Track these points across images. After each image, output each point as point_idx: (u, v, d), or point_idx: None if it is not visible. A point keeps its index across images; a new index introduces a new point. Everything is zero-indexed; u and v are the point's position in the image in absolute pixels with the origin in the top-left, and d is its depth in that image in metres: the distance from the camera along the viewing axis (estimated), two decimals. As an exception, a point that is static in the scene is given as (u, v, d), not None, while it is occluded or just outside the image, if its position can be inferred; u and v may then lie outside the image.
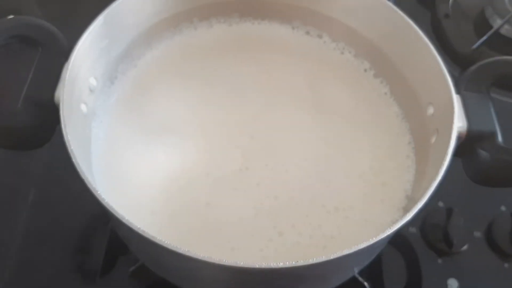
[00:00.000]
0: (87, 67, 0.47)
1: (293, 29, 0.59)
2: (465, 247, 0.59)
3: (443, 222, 0.59)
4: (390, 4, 0.51)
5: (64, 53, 0.46)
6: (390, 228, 0.38)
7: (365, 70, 0.56)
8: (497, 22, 0.75)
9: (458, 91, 0.45)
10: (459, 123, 0.43)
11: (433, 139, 0.47)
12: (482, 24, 0.78)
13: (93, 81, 0.49)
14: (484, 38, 0.72)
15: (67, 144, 0.40)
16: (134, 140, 0.51)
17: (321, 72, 0.57)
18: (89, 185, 0.39)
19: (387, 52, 0.53)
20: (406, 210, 0.48)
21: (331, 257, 0.35)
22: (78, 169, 0.39)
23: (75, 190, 0.55)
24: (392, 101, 0.54)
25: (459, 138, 0.43)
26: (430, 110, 0.48)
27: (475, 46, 0.72)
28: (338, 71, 0.57)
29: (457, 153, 0.43)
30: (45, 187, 0.58)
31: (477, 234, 0.60)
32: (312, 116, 0.53)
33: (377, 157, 0.51)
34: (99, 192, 0.38)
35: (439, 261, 0.58)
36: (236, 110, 0.53)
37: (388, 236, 0.39)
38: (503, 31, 0.75)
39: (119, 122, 0.52)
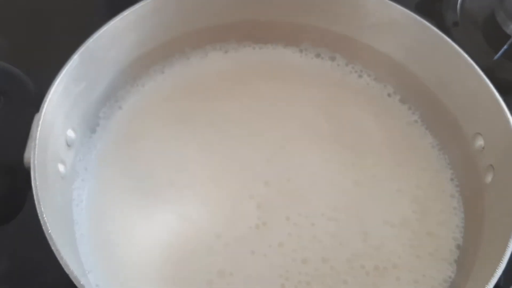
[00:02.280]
0: (62, 119, 0.38)
1: (301, 52, 0.51)
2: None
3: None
4: (419, 17, 0.43)
5: (33, 103, 0.38)
6: None
7: (389, 95, 0.49)
8: (510, 28, 0.69)
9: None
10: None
11: (488, 178, 0.39)
12: (494, 31, 0.71)
13: (71, 134, 0.40)
14: (505, 47, 0.66)
15: (44, 227, 0.31)
16: (124, 201, 0.42)
17: (338, 100, 0.49)
18: (72, 277, 0.30)
19: (417, 73, 0.46)
20: (461, 264, 0.40)
21: None
22: (60, 260, 0.30)
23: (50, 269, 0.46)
24: (425, 130, 0.47)
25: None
26: (479, 142, 0.41)
27: (496, 57, 0.65)
28: (358, 97, 0.49)
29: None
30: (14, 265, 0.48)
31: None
32: (335, 153, 0.45)
33: (417, 199, 0.43)
34: (82, 283, 0.29)
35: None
36: (244, 154, 0.45)
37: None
38: (521, 37, 0.68)
39: (104, 178, 0.43)
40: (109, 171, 0.43)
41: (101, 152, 0.44)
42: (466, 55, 0.41)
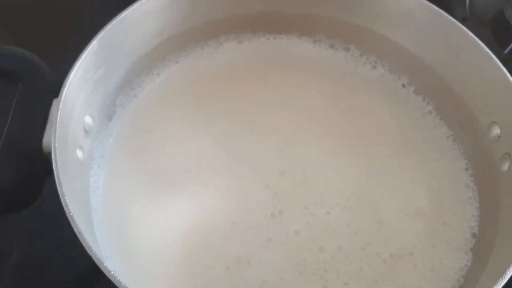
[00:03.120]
0: (81, 104, 0.38)
1: (315, 42, 0.51)
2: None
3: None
4: (435, 7, 0.43)
5: (51, 89, 0.38)
6: None
7: (403, 86, 0.49)
8: (519, 24, 0.69)
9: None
10: (541, 147, 0.36)
11: (504, 167, 0.39)
12: (503, 27, 0.71)
13: (88, 120, 0.40)
14: (515, 41, 0.66)
15: (66, 208, 0.31)
16: (140, 188, 0.42)
17: (351, 91, 0.49)
18: (95, 258, 0.30)
19: (431, 64, 0.46)
20: (476, 252, 0.40)
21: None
22: (83, 242, 0.30)
23: (66, 250, 0.46)
24: (439, 120, 0.47)
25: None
26: (495, 131, 0.41)
27: (506, 51, 0.65)
28: (372, 88, 0.49)
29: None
30: (31, 248, 0.48)
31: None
32: (348, 143, 0.45)
33: (432, 188, 0.43)
34: (105, 265, 0.29)
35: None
36: (259, 144, 0.45)
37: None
38: (530, 32, 0.68)
39: (120, 167, 0.43)
40: (125, 159, 0.43)
41: (118, 140, 0.44)
42: (482, 44, 0.41)
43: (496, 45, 0.67)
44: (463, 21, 0.74)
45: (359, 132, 0.46)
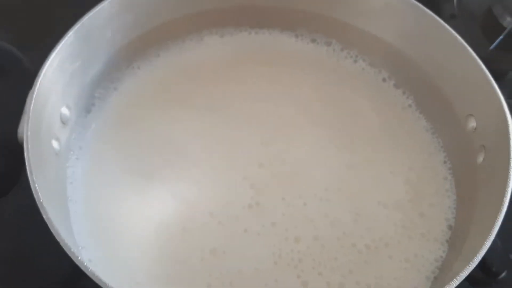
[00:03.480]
0: (57, 95, 0.38)
1: (297, 37, 0.51)
2: (503, 274, 0.51)
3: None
4: (415, 2, 0.43)
5: (29, 80, 0.38)
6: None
7: (384, 80, 0.49)
8: (507, 21, 0.69)
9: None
10: (514, 138, 0.36)
11: (479, 158, 0.39)
12: (491, 24, 0.72)
13: (65, 111, 0.40)
14: (500, 38, 0.66)
15: (36, 196, 0.31)
16: (119, 180, 0.42)
17: (333, 85, 0.49)
18: (68, 250, 0.30)
19: (412, 58, 0.46)
20: (452, 244, 0.40)
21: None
22: (52, 228, 0.30)
23: (50, 242, 0.46)
24: (419, 114, 0.47)
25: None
26: (472, 123, 0.41)
27: (492, 47, 0.65)
28: (353, 82, 0.49)
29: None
30: (12, 241, 0.48)
31: (515, 257, 0.53)
32: (329, 136, 0.45)
33: (410, 181, 0.43)
34: (80, 259, 0.30)
35: (476, 292, 0.51)
36: (239, 137, 0.45)
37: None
38: (516, 30, 0.68)
39: (98, 158, 0.43)
40: (104, 151, 0.43)
41: (96, 132, 0.44)
42: (460, 38, 0.41)
43: (484, 41, 0.67)
44: (451, 17, 0.74)
45: (340, 125, 0.46)
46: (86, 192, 0.41)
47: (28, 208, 0.42)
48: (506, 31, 0.67)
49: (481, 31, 0.72)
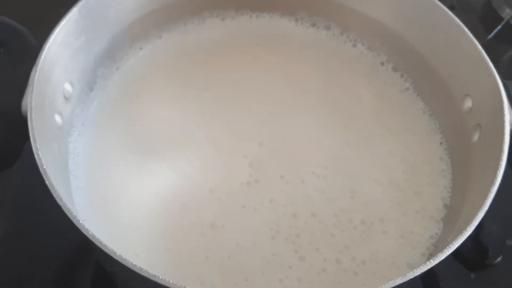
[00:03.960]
0: (60, 70, 0.39)
1: (297, 21, 0.52)
2: (499, 259, 0.52)
3: (474, 231, 0.52)
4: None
5: (33, 55, 0.38)
6: (434, 259, 0.31)
7: (382, 64, 0.50)
8: (506, 12, 0.70)
9: (498, 80, 0.39)
10: (509, 116, 0.37)
11: (474, 137, 0.40)
12: (490, 15, 0.72)
13: (68, 87, 0.41)
14: (499, 27, 0.66)
15: (39, 163, 0.32)
16: (120, 156, 0.43)
17: (332, 68, 0.49)
18: (68, 213, 0.31)
19: (410, 40, 0.47)
20: (447, 222, 0.41)
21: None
22: (54, 193, 0.31)
23: (53, 217, 0.47)
24: (416, 96, 0.47)
25: (509, 133, 0.37)
26: (468, 103, 0.41)
27: (489, 37, 0.66)
28: (352, 66, 0.50)
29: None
30: (18, 216, 0.49)
31: (510, 242, 0.53)
32: (327, 116, 0.46)
33: (407, 160, 0.44)
34: (81, 222, 0.30)
35: (472, 276, 0.51)
36: (239, 116, 0.46)
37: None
38: (514, 21, 0.69)
39: (100, 135, 0.44)
40: (106, 128, 0.44)
41: (98, 110, 0.45)
42: (458, 20, 0.42)
43: (482, 31, 0.68)
44: (450, 8, 0.75)
45: (339, 106, 0.47)
46: (87, 167, 0.42)
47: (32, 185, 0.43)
48: (504, 21, 0.67)
49: (479, 22, 0.73)
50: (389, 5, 0.46)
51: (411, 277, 0.29)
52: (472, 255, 0.51)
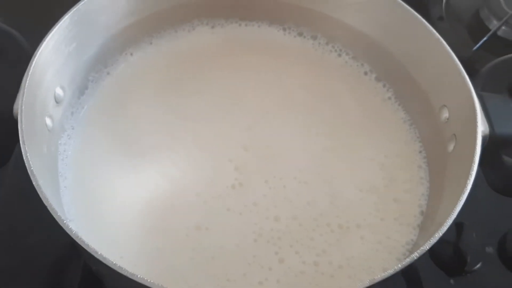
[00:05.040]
0: (52, 75, 0.40)
1: (285, 30, 0.53)
2: (478, 265, 0.53)
3: (453, 238, 0.54)
4: (395, -2, 0.46)
5: (26, 60, 0.40)
6: (407, 259, 0.32)
7: (366, 73, 0.51)
8: (493, 24, 0.72)
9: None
10: (481, 127, 0.38)
11: (450, 147, 0.42)
12: (477, 26, 0.74)
13: (59, 91, 0.42)
14: (484, 39, 0.68)
15: (27, 164, 0.33)
16: (108, 158, 0.44)
17: (317, 76, 0.51)
18: (53, 212, 0.32)
19: (392, 52, 0.48)
20: (423, 228, 0.42)
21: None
22: (41, 194, 0.32)
23: (43, 218, 0.48)
24: (398, 106, 0.49)
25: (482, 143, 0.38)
26: (445, 114, 0.43)
27: (475, 48, 0.68)
28: (336, 75, 0.51)
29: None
30: (7, 216, 0.50)
31: (489, 249, 0.55)
32: (311, 123, 0.48)
33: (386, 168, 0.45)
34: (65, 222, 0.31)
35: (451, 281, 0.53)
36: (226, 121, 0.47)
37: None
38: (500, 32, 0.70)
39: (90, 138, 0.45)
40: (95, 131, 0.45)
41: (89, 114, 0.46)
42: (436, 32, 0.44)
43: (470, 42, 0.70)
44: (439, 19, 0.77)
45: (323, 113, 0.49)
46: (76, 169, 0.43)
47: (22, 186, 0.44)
48: (490, 32, 0.69)
49: (467, 33, 0.74)
50: (372, 17, 0.48)
51: (379, 280, 0.30)
52: (452, 261, 0.53)
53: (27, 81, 0.37)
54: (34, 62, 0.38)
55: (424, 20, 0.44)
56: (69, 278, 0.48)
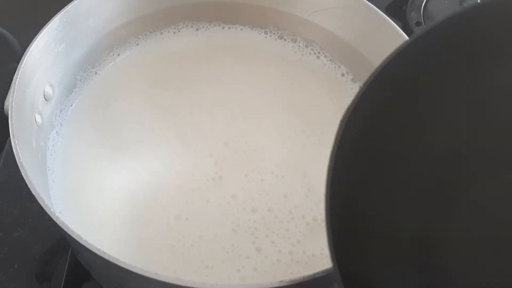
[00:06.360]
0: (41, 73, 0.43)
1: (266, 33, 0.56)
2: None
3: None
4: (368, 3, 0.48)
5: (17, 59, 0.42)
6: None
7: (343, 75, 0.54)
8: (469, 29, 0.75)
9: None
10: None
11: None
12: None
13: (48, 89, 0.44)
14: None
15: (17, 156, 0.35)
16: (95, 153, 0.46)
17: (297, 77, 0.53)
18: (41, 202, 0.34)
19: (366, 55, 0.51)
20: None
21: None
22: (29, 184, 0.34)
23: (32, 211, 0.51)
24: (372, 105, 0.51)
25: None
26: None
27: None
28: (315, 76, 0.54)
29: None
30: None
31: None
32: (289, 121, 0.50)
33: (359, 164, 0.48)
34: (52, 210, 0.34)
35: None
36: (208, 118, 0.49)
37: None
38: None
39: (77, 134, 0.47)
40: (82, 128, 0.48)
41: (76, 111, 0.48)
42: (405, 35, 0.46)
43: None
44: (417, 25, 0.80)
45: (300, 112, 0.51)
46: (64, 163, 0.45)
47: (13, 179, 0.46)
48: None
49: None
50: (347, 22, 0.51)
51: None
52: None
53: (18, 79, 0.39)
54: (24, 61, 0.40)
55: (396, 26, 0.46)
56: (57, 270, 0.50)
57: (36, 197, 0.33)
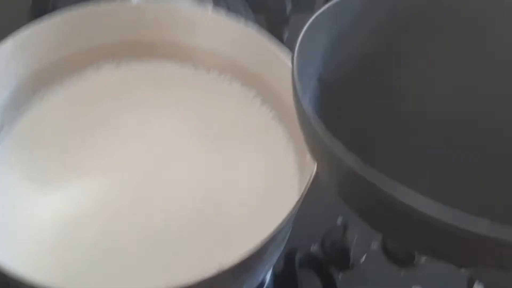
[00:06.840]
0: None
1: (182, 66, 0.61)
2: (363, 259, 0.61)
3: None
4: (255, 32, 0.54)
5: None
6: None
7: (254, 97, 0.59)
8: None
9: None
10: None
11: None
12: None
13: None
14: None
15: None
16: (21, 189, 0.50)
17: (211, 103, 0.59)
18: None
19: (267, 79, 0.56)
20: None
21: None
22: None
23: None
24: (278, 124, 0.57)
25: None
26: (307, 130, 0.51)
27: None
28: (228, 101, 0.59)
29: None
30: None
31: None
32: (204, 144, 0.55)
33: (266, 177, 0.53)
34: None
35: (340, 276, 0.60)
36: (128, 148, 0.54)
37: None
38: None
39: (5, 173, 0.51)
40: (10, 166, 0.52)
41: (3, 151, 0.53)
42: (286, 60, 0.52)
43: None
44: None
45: (215, 135, 0.56)
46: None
47: None
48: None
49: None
50: (249, 52, 0.56)
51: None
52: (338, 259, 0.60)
53: None
54: None
55: (281, 51, 0.52)
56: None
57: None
